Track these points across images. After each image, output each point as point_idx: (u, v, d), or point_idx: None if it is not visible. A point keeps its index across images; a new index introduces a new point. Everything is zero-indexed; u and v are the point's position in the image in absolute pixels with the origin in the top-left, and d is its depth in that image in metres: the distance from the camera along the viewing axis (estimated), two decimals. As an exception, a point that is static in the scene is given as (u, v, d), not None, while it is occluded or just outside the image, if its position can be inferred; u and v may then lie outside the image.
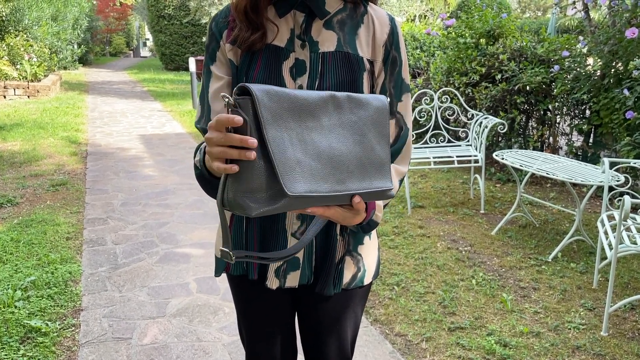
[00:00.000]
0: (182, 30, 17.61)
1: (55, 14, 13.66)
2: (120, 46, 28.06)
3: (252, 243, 1.16)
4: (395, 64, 1.15)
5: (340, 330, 1.27)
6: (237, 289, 1.26)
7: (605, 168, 3.01)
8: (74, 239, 3.60)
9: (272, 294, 1.22)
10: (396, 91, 1.16)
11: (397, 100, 1.17)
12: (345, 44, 1.10)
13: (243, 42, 1.08)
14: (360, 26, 1.13)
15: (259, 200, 0.86)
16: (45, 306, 2.69)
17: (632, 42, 4.13)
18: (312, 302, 1.24)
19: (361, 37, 1.12)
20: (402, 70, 1.17)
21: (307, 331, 1.29)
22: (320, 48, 1.09)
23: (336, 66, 1.08)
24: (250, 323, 1.27)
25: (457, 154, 4.29)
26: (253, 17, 1.07)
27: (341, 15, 1.12)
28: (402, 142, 1.17)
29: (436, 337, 2.48)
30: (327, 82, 1.07)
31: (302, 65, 1.08)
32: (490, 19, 5.43)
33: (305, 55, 1.08)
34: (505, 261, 3.30)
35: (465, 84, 5.39)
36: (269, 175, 0.85)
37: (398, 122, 1.17)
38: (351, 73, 1.09)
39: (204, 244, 3.54)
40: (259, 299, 1.23)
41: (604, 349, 2.39)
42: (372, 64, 1.13)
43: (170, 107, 9.93)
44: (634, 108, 4.04)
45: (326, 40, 1.09)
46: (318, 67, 1.07)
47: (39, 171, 5.23)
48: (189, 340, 2.44)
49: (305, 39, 1.09)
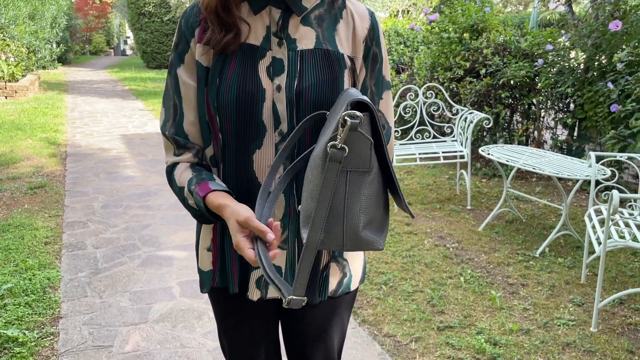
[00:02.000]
0: (163, 27, 17.38)
1: (32, 13, 13.37)
2: (100, 44, 27.63)
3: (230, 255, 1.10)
4: (376, 61, 1.10)
5: (327, 339, 1.21)
6: (217, 302, 1.20)
7: (592, 162, 3.00)
8: (53, 243, 3.49)
9: (254, 306, 1.16)
10: (377, 88, 1.12)
11: (379, 97, 1.12)
12: (325, 40, 1.04)
13: (216, 44, 1.01)
14: (339, 21, 1.07)
15: (375, 231, 0.88)
16: (22, 314, 2.59)
17: (616, 34, 4.13)
18: (296, 312, 1.18)
19: (341, 33, 1.06)
20: (383, 67, 1.12)
21: (292, 342, 1.24)
22: (298, 46, 1.03)
23: (316, 64, 1.02)
24: (232, 337, 1.21)
25: (442, 150, 4.26)
26: (224, 16, 1.01)
27: (319, 10, 1.06)
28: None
29: (425, 337, 2.44)
30: (307, 81, 1.01)
31: (279, 64, 1.01)
32: (473, 13, 5.40)
33: (283, 53, 1.02)
34: (493, 257, 3.28)
35: (450, 79, 5.36)
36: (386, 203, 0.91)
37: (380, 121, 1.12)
38: (332, 71, 1.03)
39: (187, 246, 3.46)
40: (241, 312, 1.17)
41: (594, 345, 2.37)
42: (353, 60, 1.07)
43: (152, 106, 9.78)
44: (618, 101, 4.04)
45: (304, 37, 1.03)
46: (297, 66, 1.01)
47: (16, 174, 5.09)
48: (173, 346, 2.37)
49: (283, 37, 1.03)
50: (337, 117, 0.85)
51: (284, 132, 1.02)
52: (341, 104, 0.91)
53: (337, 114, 0.88)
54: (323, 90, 1.01)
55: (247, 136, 1.02)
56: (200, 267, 1.16)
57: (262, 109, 1.01)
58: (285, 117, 1.01)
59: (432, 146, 4.42)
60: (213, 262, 1.13)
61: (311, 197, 0.85)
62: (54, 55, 15.52)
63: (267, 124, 1.02)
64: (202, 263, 1.15)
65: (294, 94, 1.01)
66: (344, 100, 0.92)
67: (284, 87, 1.01)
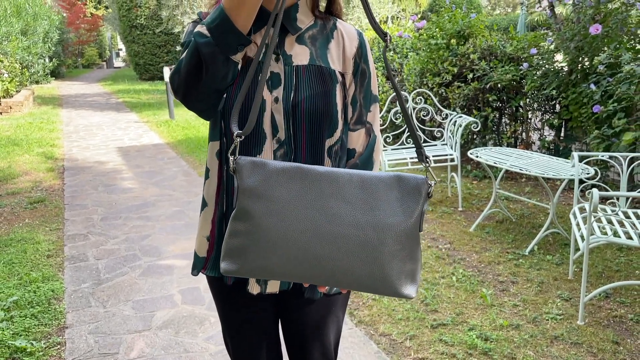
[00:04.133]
0: (155, 39, 17.49)
1: (24, 28, 13.44)
2: (92, 57, 27.71)
3: None
4: (364, 76, 1.21)
5: (323, 334, 1.31)
6: (216, 291, 1.30)
7: (575, 162, 3.11)
8: (55, 256, 3.57)
9: (254, 300, 1.26)
10: (365, 102, 1.23)
11: (367, 110, 1.23)
12: (318, 57, 1.15)
13: None
14: (330, 41, 1.18)
15: None
16: (29, 326, 2.67)
17: (597, 38, 4.26)
18: (295, 308, 1.28)
19: (332, 51, 1.18)
20: (371, 82, 1.23)
21: (291, 336, 1.33)
22: (293, 61, 1.14)
23: (310, 79, 1.13)
24: (234, 331, 1.31)
25: (433, 154, 4.37)
26: None
27: (312, 31, 1.17)
28: (370, 150, 1.25)
29: (419, 335, 2.54)
30: (302, 94, 1.12)
31: (277, 77, 1.12)
32: (459, 19, 5.54)
33: (280, 68, 1.13)
34: (484, 257, 3.39)
35: (439, 84, 5.48)
36: None
37: (368, 131, 1.24)
38: (324, 85, 1.14)
39: (187, 255, 3.54)
40: (241, 305, 1.27)
41: (581, 338, 2.47)
42: (344, 76, 1.18)
43: (147, 118, 9.87)
44: (600, 102, 4.17)
45: (299, 54, 1.14)
46: (292, 80, 1.12)
47: (15, 189, 5.17)
48: (176, 352, 2.46)
49: (279, 53, 1.13)
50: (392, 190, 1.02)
51: (281, 140, 1.13)
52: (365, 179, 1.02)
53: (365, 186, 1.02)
54: (317, 103, 1.12)
55: (249, 142, 1.13)
56: (197, 252, 1.26)
57: (262, 118, 1.12)
58: (282, 126, 1.12)
59: (423, 150, 4.52)
60: (208, 250, 1.23)
61: (407, 260, 1.02)
62: (47, 69, 15.59)
63: (266, 132, 1.12)
64: (198, 249, 1.25)
65: (290, 105, 1.11)
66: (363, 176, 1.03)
67: (281, 99, 1.12)
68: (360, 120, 1.23)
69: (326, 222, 0.98)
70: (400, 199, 1.00)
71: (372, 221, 0.98)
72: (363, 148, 1.23)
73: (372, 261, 0.98)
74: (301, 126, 1.12)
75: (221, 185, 1.20)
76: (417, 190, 1.00)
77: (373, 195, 0.99)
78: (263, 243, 0.99)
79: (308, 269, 1.00)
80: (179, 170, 5.90)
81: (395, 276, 1.00)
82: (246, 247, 1.00)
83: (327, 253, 0.98)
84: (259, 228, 0.99)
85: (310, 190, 0.99)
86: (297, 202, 0.99)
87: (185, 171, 5.87)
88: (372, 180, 1.00)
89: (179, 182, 5.40)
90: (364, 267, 0.98)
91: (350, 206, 0.98)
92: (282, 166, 1.00)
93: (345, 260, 0.98)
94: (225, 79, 1.06)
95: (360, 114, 1.22)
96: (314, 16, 1.19)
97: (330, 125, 1.15)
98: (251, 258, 1.00)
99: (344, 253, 0.98)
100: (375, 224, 0.98)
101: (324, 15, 1.20)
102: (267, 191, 0.99)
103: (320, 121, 1.13)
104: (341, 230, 0.97)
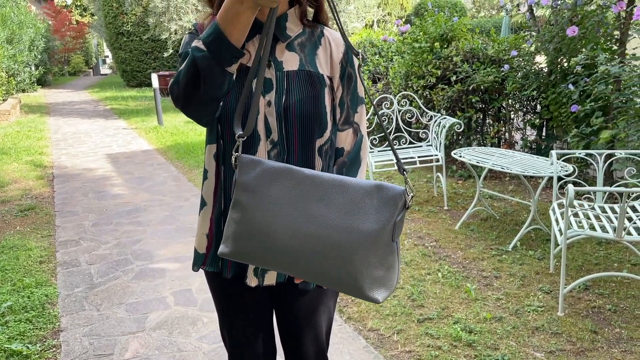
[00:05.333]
0: (142, 46, 17.49)
1: (10, 37, 13.41)
2: (79, 65, 27.61)
3: None
4: (351, 80, 1.30)
5: (316, 323, 1.40)
6: (214, 286, 1.37)
7: (553, 160, 3.22)
8: (47, 262, 3.62)
9: (251, 292, 1.34)
10: (352, 103, 1.32)
11: (354, 111, 1.33)
12: (307, 63, 1.24)
13: None
14: (318, 47, 1.27)
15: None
16: (24, 330, 2.72)
17: (574, 39, 4.40)
18: (289, 299, 1.36)
19: (320, 57, 1.26)
20: (357, 84, 1.32)
21: (285, 325, 1.42)
22: (284, 67, 1.22)
23: (300, 83, 1.22)
24: (231, 322, 1.38)
25: (418, 155, 4.47)
26: None
27: (301, 38, 1.26)
28: (357, 148, 1.34)
29: (406, 329, 2.63)
30: (293, 97, 1.20)
31: (269, 83, 1.21)
32: (442, 23, 5.66)
33: (272, 73, 1.21)
34: (469, 253, 3.48)
35: (423, 86, 5.59)
36: None
37: (355, 131, 1.33)
38: (313, 89, 1.22)
39: (179, 258, 3.61)
40: (238, 297, 1.35)
41: (561, 328, 2.57)
42: (332, 80, 1.27)
43: (135, 125, 9.89)
44: (578, 102, 4.30)
45: (289, 60, 1.23)
46: (284, 84, 1.21)
47: (5, 197, 5.19)
48: (170, 351, 2.52)
49: (271, 59, 1.22)
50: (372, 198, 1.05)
51: (275, 141, 1.21)
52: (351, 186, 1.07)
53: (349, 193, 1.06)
54: (307, 106, 1.21)
55: (245, 144, 1.21)
56: (197, 249, 1.34)
57: (257, 120, 1.20)
58: (275, 128, 1.20)
59: (408, 151, 4.64)
60: (207, 247, 1.31)
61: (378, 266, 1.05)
62: (33, 78, 15.55)
63: (261, 134, 1.21)
64: (198, 245, 1.33)
65: (282, 108, 1.20)
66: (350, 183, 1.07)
67: (273, 103, 1.20)
68: (348, 121, 1.32)
69: (305, 222, 1.05)
70: (377, 207, 1.03)
71: (347, 226, 1.03)
72: (351, 147, 1.32)
73: (342, 263, 1.04)
74: (293, 128, 1.21)
75: (219, 185, 1.28)
76: (393, 201, 1.03)
77: (352, 201, 1.04)
78: (250, 233, 1.08)
79: (286, 262, 1.08)
80: (168, 176, 5.95)
81: (362, 281, 1.04)
82: (237, 234, 1.09)
83: (302, 250, 1.06)
84: (248, 219, 1.08)
85: (295, 191, 1.07)
86: (282, 200, 1.07)
87: (175, 176, 5.92)
88: (353, 187, 1.05)
89: (169, 187, 5.45)
90: (333, 267, 1.05)
91: (329, 209, 1.05)
92: (274, 166, 1.09)
93: (318, 259, 1.05)
94: (221, 88, 1.14)
95: (347, 115, 1.31)
96: (303, 24, 1.27)
97: (320, 126, 1.24)
98: (241, 244, 1.09)
99: (317, 252, 1.05)
100: (349, 229, 1.03)
101: (312, 24, 1.29)
102: (258, 187, 1.08)
103: (311, 123, 1.22)
104: (317, 231, 1.04)
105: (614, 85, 4.05)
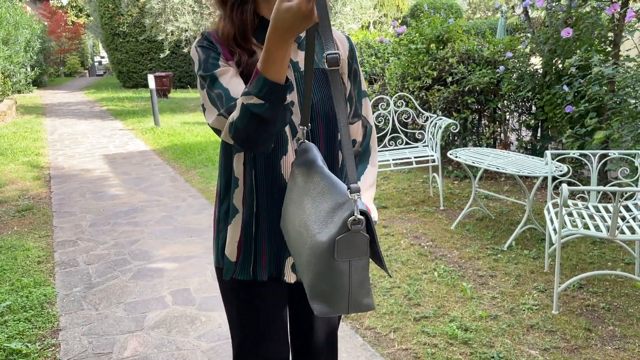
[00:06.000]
0: (139, 47, 17.48)
1: (6, 38, 13.37)
2: (74, 66, 27.53)
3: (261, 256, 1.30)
4: (356, 75, 1.36)
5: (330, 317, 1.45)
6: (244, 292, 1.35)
7: (548, 160, 3.26)
8: (46, 262, 3.63)
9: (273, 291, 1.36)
10: (359, 97, 1.38)
11: (360, 104, 1.39)
12: (320, 61, 1.28)
13: (246, 66, 1.19)
14: None
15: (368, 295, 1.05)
16: (23, 329, 2.74)
17: (568, 41, 4.44)
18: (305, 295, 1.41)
19: None
20: (361, 79, 1.39)
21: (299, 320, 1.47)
22: (301, 67, 1.25)
23: (318, 82, 1.25)
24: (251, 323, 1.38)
25: (414, 155, 4.50)
26: (242, 44, 1.21)
27: None
28: (368, 139, 1.41)
29: (403, 327, 2.65)
30: (315, 96, 1.24)
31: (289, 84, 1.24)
32: (438, 24, 5.70)
33: (290, 74, 1.23)
34: (465, 253, 3.52)
35: (419, 87, 5.63)
36: None
37: (363, 122, 1.40)
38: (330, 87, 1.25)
39: (176, 258, 3.62)
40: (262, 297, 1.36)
41: (555, 326, 2.61)
42: (342, 77, 1.32)
43: (132, 125, 9.90)
44: (573, 102, 4.34)
45: (304, 60, 1.25)
46: (303, 84, 1.22)
47: (2, 198, 5.20)
48: (169, 350, 2.54)
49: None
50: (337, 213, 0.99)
51: (300, 140, 1.23)
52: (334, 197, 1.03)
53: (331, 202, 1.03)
54: (328, 104, 1.25)
55: (274, 146, 1.23)
56: (228, 256, 1.31)
57: None
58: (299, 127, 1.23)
59: (405, 152, 4.67)
60: (237, 255, 1.31)
61: (319, 277, 1.00)
62: (29, 78, 15.51)
63: (287, 134, 1.23)
64: (230, 254, 1.31)
65: None
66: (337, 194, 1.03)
67: (296, 103, 1.23)
68: (357, 114, 1.38)
69: (295, 215, 1.11)
70: (333, 221, 0.99)
71: (312, 230, 1.03)
72: (362, 137, 1.40)
73: (302, 262, 1.07)
74: (318, 126, 1.25)
75: (246, 191, 1.28)
76: (344, 220, 0.96)
77: (330, 209, 1.02)
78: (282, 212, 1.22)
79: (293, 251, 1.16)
80: (166, 176, 5.97)
81: (307, 285, 1.04)
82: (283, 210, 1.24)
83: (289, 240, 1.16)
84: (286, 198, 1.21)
85: (305, 185, 1.11)
86: (297, 190, 1.14)
87: (172, 177, 5.94)
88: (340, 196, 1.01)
89: (166, 188, 5.47)
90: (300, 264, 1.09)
91: (312, 210, 1.06)
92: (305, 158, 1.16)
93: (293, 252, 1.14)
94: (288, 118, 1.13)
95: (356, 108, 1.37)
96: None
97: None
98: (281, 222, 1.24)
99: (291, 246, 1.14)
100: (312, 233, 1.02)
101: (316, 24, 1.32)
102: (295, 174, 1.17)
103: (333, 119, 1.27)
104: (296, 227, 1.09)
105: (608, 86, 4.10)
